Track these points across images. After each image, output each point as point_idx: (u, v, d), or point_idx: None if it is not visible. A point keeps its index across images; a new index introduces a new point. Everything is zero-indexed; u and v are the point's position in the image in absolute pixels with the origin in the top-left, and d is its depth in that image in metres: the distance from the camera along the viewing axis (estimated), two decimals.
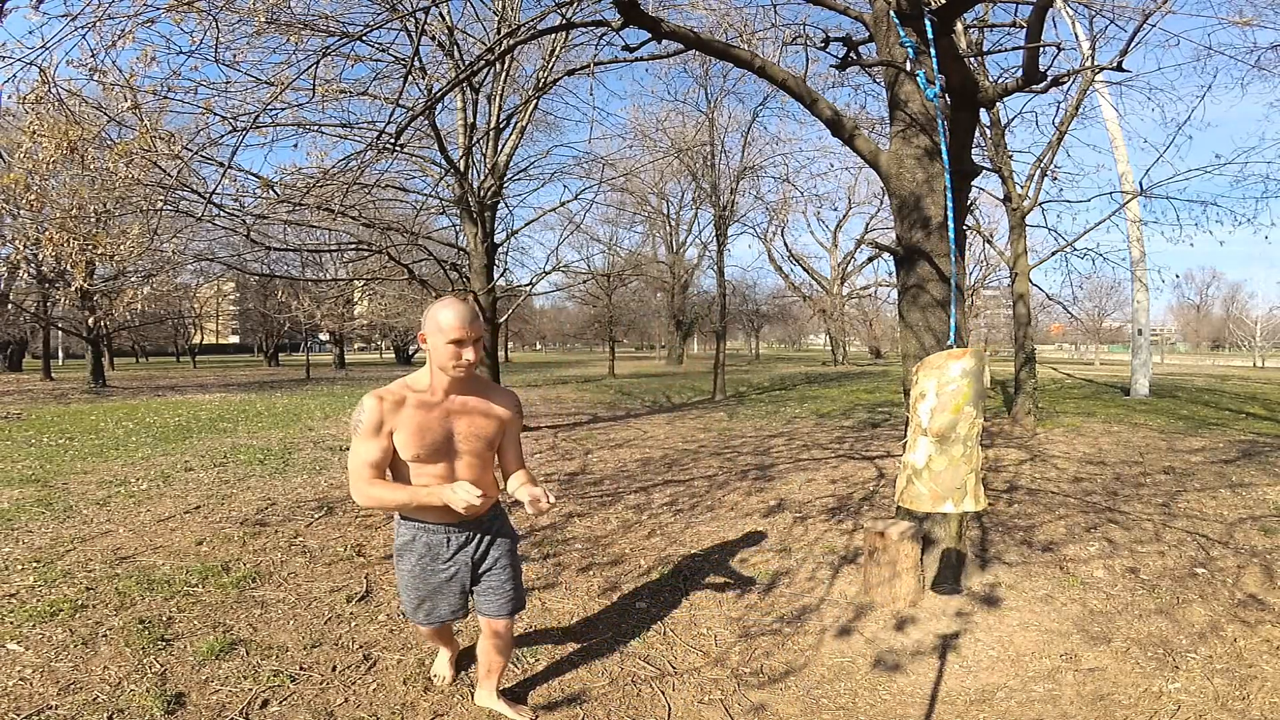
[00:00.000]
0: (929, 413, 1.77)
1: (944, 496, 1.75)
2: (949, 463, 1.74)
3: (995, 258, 19.11)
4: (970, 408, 1.73)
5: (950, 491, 1.74)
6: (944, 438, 1.75)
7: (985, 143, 9.40)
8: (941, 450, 1.75)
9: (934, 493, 1.76)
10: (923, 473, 1.78)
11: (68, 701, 2.30)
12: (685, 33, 3.37)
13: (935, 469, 1.76)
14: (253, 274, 15.27)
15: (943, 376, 1.76)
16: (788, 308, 37.76)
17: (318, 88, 4.80)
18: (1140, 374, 13.19)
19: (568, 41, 8.47)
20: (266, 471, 6.37)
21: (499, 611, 2.19)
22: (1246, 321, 46.05)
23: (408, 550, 2.14)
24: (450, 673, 2.53)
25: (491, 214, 9.14)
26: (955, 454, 1.74)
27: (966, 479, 1.74)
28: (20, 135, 3.83)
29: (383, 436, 1.99)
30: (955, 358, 1.76)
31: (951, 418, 1.74)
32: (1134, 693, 2.45)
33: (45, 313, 19.35)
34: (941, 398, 1.76)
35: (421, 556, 2.13)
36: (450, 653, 2.55)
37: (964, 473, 1.74)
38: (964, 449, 1.73)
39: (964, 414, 1.73)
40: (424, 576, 2.14)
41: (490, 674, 2.33)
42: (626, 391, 16.43)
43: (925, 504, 1.78)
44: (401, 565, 2.17)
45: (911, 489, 1.81)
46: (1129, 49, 3.22)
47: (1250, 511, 4.71)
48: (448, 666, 2.53)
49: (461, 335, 1.95)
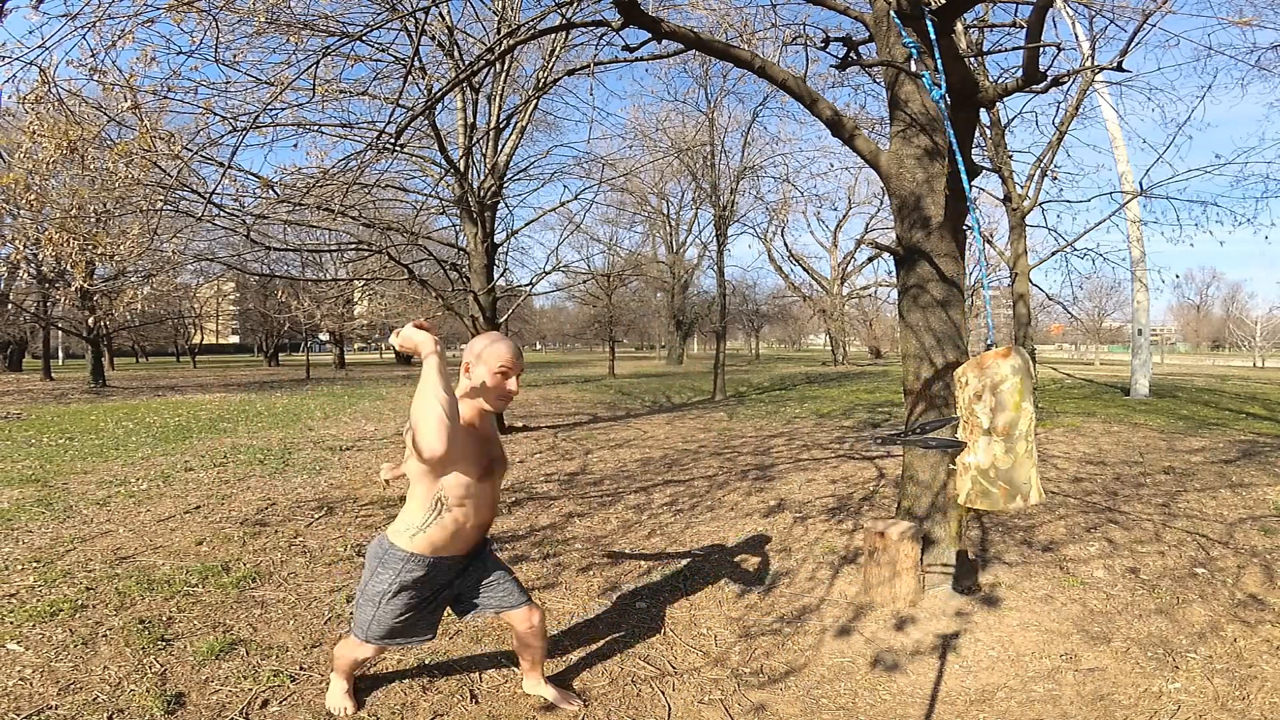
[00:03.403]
0: (989, 412, 1.79)
1: (1014, 493, 1.77)
2: (1015, 459, 1.76)
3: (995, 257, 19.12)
4: (1027, 404, 1.77)
5: (1020, 487, 1.76)
6: (1009, 436, 1.77)
7: (985, 143, 9.40)
8: (1008, 448, 1.77)
9: (1005, 490, 1.78)
10: (988, 472, 1.79)
11: (68, 701, 2.30)
12: (685, 33, 3.37)
13: (1002, 467, 1.77)
14: (253, 274, 15.27)
15: (996, 375, 1.78)
16: (788, 308, 37.77)
17: (318, 88, 4.80)
18: (1140, 374, 13.19)
19: (568, 41, 8.46)
20: (266, 471, 6.36)
21: (523, 598, 2.25)
22: (1246, 321, 46.06)
23: (413, 586, 2.04)
24: (353, 703, 2.31)
25: (491, 214, 9.13)
26: (1020, 450, 1.76)
27: (1031, 474, 1.76)
28: (20, 135, 3.82)
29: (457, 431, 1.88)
30: (1003, 356, 1.79)
31: (1013, 415, 1.76)
32: (1134, 693, 2.45)
33: (45, 313, 19.35)
34: (999, 396, 1.77)
35: (426, 589, 2.09)
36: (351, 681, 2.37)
37: (1028, 468, 1.76)
38: (1026, 444, 1.76)
39: (1024, 410, 1.76)
40: (417, 607, 2.09)
41: (535, 665, 2.37)
42: (626, 391, 16.43)
43: (998, 503, 1.79)
44: (396, 601, 2.04)
45: (978, 488, 1.81)
46: (1129, 49, 3.22)
47: (1250, 511, 4.71)
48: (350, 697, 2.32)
49: (510, 367, 2.05)
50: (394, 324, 23.71)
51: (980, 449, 1.81)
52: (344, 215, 7.26)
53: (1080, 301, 24.35)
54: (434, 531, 2.00)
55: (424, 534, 2.00)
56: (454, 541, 2.05)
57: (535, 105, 9.21)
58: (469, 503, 2.02)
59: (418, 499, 2.00)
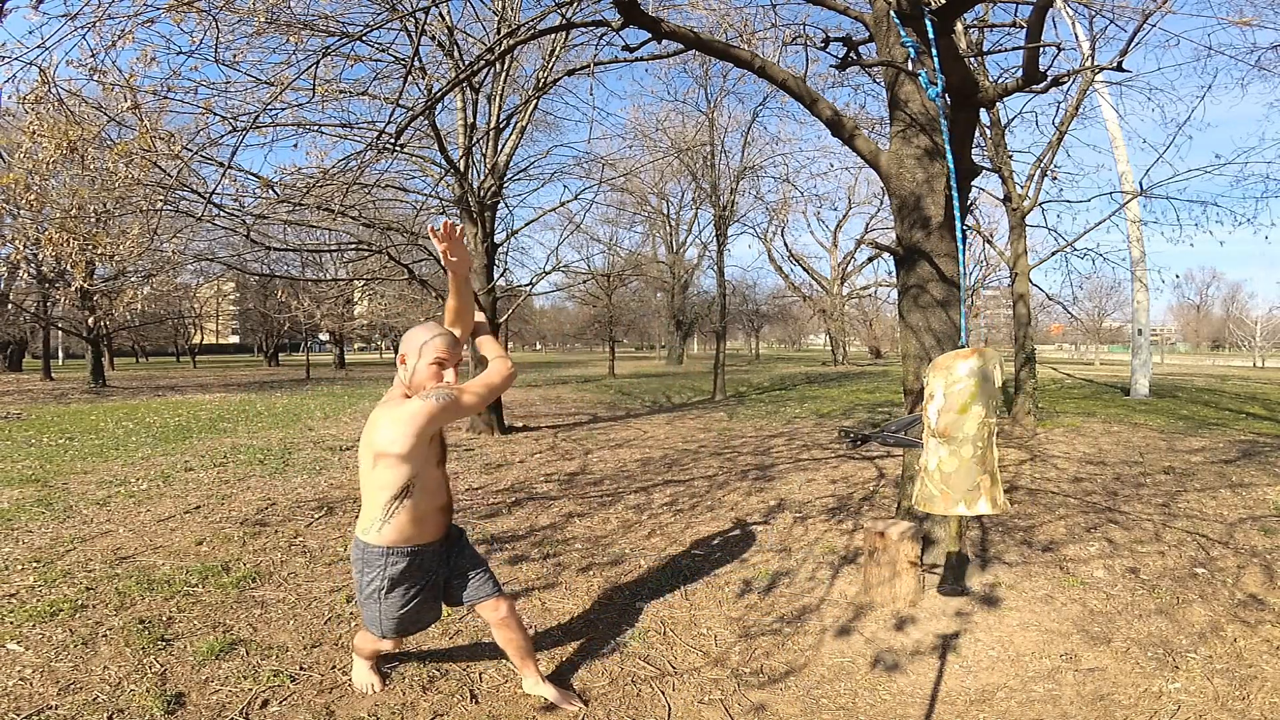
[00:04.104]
0: (936, 413, 1.76)
1: (956, 499, 1.71)
2: (960, 464, 1.71)
3: (995, 258, 19.11)
4: (978, 407, 1.71)
5: (962, 493, 1.71)
6: (951, 438, 1.73)
7: (985, 143, 9.40)
8: (951, 451, 1.72)
9: (945, 494, 1.73)
10: (934, 474, 1.76)
11: (68, 701, 2.30)
12: (685, 33, 3.37)
13: (945, 470, 1.73)
14: (253, 274, 15.28)
15: (950, 376, 1.75)
16: (788, 308, 37.76)
17: (318, 88, 4.80)
18: (1140, 374, 13.19)
19: (568, 41, 8.46)
20: (266, 471, 6.36)
21: (494, 590, 2.27)
22: (1246, 321, 46.04)
23: (403, 579, 2.08)
24: (379, 678, 2.44)
25: (491, 214, 9.13)
26: (965, 455, 1.71)
27: (980, 480, 1.70)
28: (20, 135, 3.82)
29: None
30: (963, 358, 1.75)
31: (958, 417, 1.72)
32: (1134, 693, 2.45)
33: (45, 313, 19.35)
34: (949, 398, 1.74)
35: (418, 580, 2.11)
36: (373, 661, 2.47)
37: (976, 474, 1.70)
38: (974, 450, 1.70)
39: (971, 413, 1.70)
40: (416, 594, 2.12)
41: (525, 660, 2.37)
42: (626, 391, 16.43)
43: (938, 506, 1.75)
44: (393, 596, 2.08)
45: (924, 491, 1.79)
46: (1129, 49, 3.22)
47: (1250, 511, 4.71)
48: (374, 673, 2.45)
49: (446, 359, 2.06)
50: (394, 324, 23.73)
51: (929, 450, 1.79)
52: (344, 215, 7.25)
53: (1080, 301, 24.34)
54: (398, 521, 2.03)
55: (389, 525, 2.03)
56: (421, 528, 2.08)
57: (535, 105, 9.21)
58: (424, 489, 2.05)
59: (372, 493, 2.04)
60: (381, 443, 1.96)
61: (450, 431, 8.93)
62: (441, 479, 2.15)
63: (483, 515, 4.86)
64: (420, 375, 2.06)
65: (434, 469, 2.09)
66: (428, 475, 2.05)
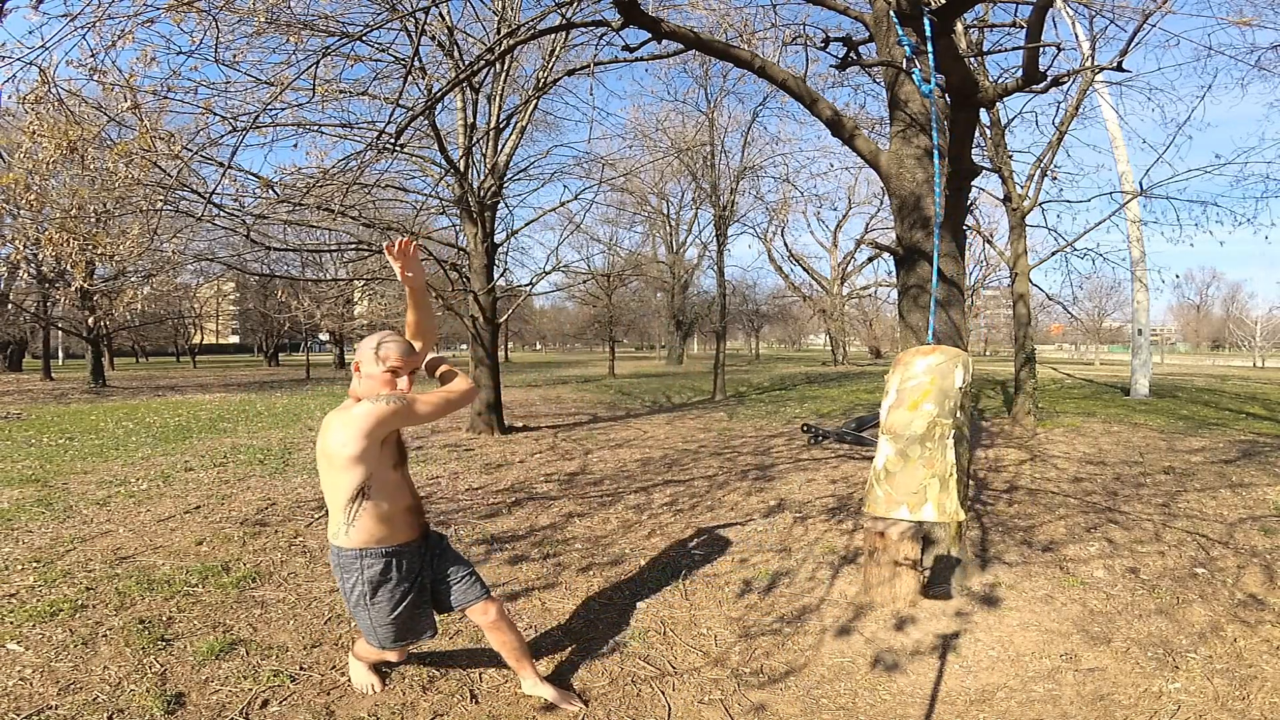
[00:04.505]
0: (886, 409, 1.67)
1: (899, 501, 1.59)
2: (905, 465, 1.60)
3: (995, 258, 19.11)
4: (930, 406, 1.59)
5: (906, 496, 1.58)
6: (897, 436, 1.62)
7: (985, 143, 9.40)
8: (898, 451, 1.61)
9: (889, 496, 1.62)
10: (880, 473, 1.66)
11: (68, 701, 2.30)
12: (685, 33, 3.37)
13: (891, 470, 1.62)
14: (253, 274, 15.27)
15: (906, 372, 1.66)
16: (788, 308, 37.76)
17: (318, 88, 4.80)
18: (1140, 374, 13.19)
19: (568, 41, 8.46)
20: (266, 471, 6.36)
21: (482, 593, 2.28)
22: (1246, 321, 46.03)
23: (383, 581, 2.09)
24: (378, 679, 2.46)
25: (491, 214, 9.13)
26: (913, 455, 1.59)
27: (926, 484, 1.56)
28: (20, 135, 3.82)
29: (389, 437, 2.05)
30: (923, 354, 1.67)
31: (907, 415, 1.61)
32: (1134, 693, 2.45)
33: (45, 313, 19.35)
34: (901, 394, 1.65)
35: (399, 582, 2.11)
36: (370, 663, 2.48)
37: (922, 477, 1.57)
38: (923, 451, 1.57)
39: (921, 411, 1.59)
40: (402, 598, 2.12)
41: (520, 662, 2.37)
42: (626, 391, 16.43)
43: (880, 508, 1.65)
44: (378, 600, 2.09)
45: (871, 491, 1.69)
46: (1129, 49, 3.23)
47: (1250, 511, 4.71)
48: (374, 674, 2.47)
49: (400, 366, 2.08)
50: (394, 324, 23.74)
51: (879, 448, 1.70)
52: (344, 215, 7.25)
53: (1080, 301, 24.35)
54: (363, 523, 2.03)
55: (354, 527, 2.03)
56: (391, 528, 2.08)
57: (535, 105, 9.20)
58: (385, 491, 2.06)
59: (332, 497, 2.05)
60: (332, 446, 1.97)
61: (449, 432, 8.93)
62: (401, 481, 2.14)
63: (483, 515, 4.86)
64: (373, 383, 2.07)
65: (390, 471, 2.08)
66: (384, 477, 2.05)
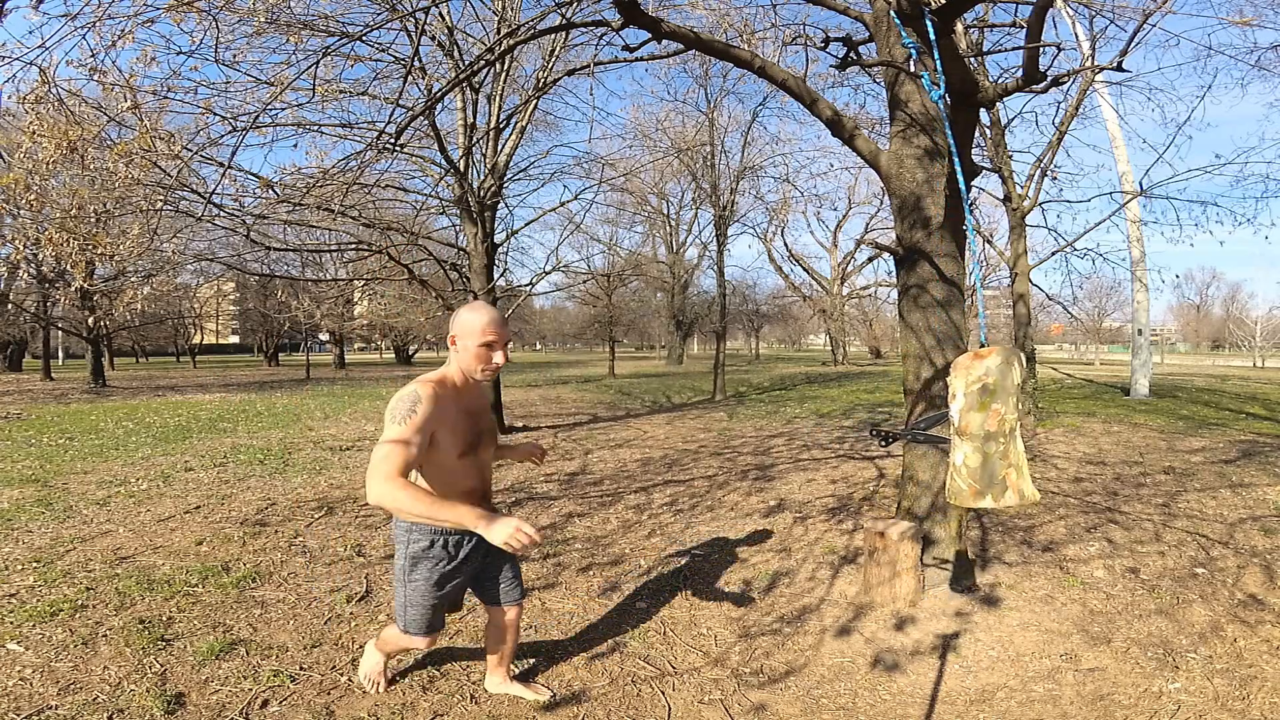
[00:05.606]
0: (958, 412, 1.84)
1: (982, 492, 1.80)
2: (983, 459, 1.79)
3: (995, 257, 19.11)
4: (998, 404, 1.78)
5: (988, 487, 1.79)
6: (973, 435, 1.80)
7: (985, 143, 9.40)
8: (975, 448, 1.80)
9: (972, 489, 1.81)
10: (960, 469, 1.84)
11: (68, 701, 2.29)
12: (685, 33, 3.37)
13: (971, 465, 1.81)
14: (253, 274, 15.27)
15: (969, 376, 1.82)
16: (788, 308, 37.75)
17: (318, 88, 4.80)
18: (1140, 374, 13.19)
19: (568, 41, 8.46)
20: (266, 471, 6.36)
21: (519, 596, 2.29)
22: (1246, 321, 46.03)
23: (424, 558, 2.05)
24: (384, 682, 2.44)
25: (491, 214, 9.13)
26: (990, 451, 1.79)
27: (1004, 474, 1.78)
28: (20, 135, 3.82)
29: (424, 433, 1.88)
30: (981, 357, 1.82)
31: (979, 415, 1.79)
32: (1134, 693, 2.45)
33: (45, 313, 19.36)
34: (969, 397, 1.81)
35: (439, 561, 2.07)
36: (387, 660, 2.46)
37: (1001, 469, 1.78)
38: (999, 445, 1.78)
39: (993, 411, 1.78)
40: (440, 583, 2.09)
41: (503, 661, 2.38)
42: (626, 391, 16.43)
43: (966, 499, 1.84)
44: (415, 576, 2.06)
45: (953, 485, 1.87)
46: (1129, 49, 3.22)
47: (1251, 511, 4.71)
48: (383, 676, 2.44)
49: (494, 338, 2.01)
50: (394, 324, 23.75)
51: (955, 447, 1.87)
52: (344, 215, 7.25)
53: (1080, 301, 24.36)
54: None
55: None
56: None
57: (535, 105, 9.21)
58: (440, 474, 2.01)
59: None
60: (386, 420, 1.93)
61: None
62: (467, 468, 2.06)
63: None
64: (469, 358, 2.02)
65: (453, 458, 2.00)
66: (441, 461, 1.98)
